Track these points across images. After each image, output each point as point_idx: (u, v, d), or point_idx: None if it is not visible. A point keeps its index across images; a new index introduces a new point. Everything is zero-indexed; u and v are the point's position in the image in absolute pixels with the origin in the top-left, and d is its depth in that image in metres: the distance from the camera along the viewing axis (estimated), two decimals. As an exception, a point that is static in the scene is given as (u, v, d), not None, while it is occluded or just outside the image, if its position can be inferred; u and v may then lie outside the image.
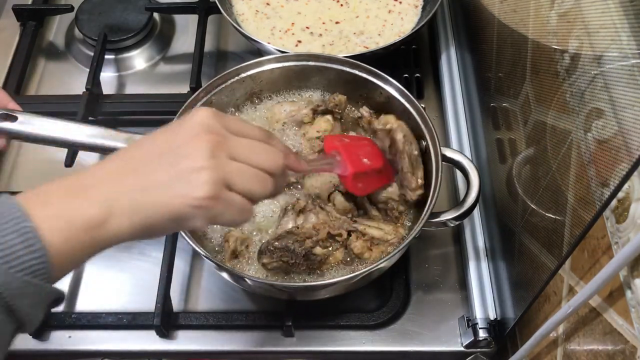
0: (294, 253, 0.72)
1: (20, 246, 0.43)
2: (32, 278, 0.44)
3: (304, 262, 0.73)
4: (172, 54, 1.12)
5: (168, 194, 0.49)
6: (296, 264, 0.73)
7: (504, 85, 0.76)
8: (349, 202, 0.78)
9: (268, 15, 1.06)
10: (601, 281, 0.47)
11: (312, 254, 0.73)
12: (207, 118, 0.52)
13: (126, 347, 0.81)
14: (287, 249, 0.72)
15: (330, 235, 0.74)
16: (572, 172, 0.54)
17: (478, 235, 0.84)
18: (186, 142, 0.51)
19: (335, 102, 0.85)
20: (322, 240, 0.73)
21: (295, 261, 0.73)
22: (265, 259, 0.73)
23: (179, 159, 0.50)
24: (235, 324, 0.81)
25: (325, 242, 0.73)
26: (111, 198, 0.48)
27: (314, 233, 0.73)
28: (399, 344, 0.80)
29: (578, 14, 0.54)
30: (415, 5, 1.08)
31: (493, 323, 0.77)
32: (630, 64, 0.45)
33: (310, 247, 0.73)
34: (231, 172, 0.51)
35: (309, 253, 0.73)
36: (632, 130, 0.44)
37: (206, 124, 0.52)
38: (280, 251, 0.72)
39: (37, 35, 1.11)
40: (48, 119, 0.75)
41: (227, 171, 0.51)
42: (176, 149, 0.51)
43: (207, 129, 0.52)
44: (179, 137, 0.52)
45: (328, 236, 0.74)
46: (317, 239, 0.73)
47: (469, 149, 0.92)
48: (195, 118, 0.53)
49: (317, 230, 0.73)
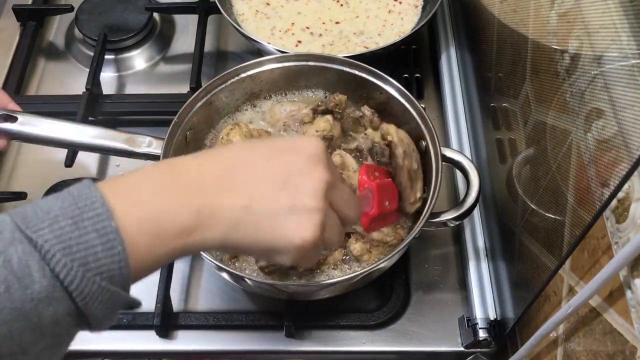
0: None
1: (100, 247, 0.40)
2: (109, 284, 0.41)
3: None
4: (172, 54, 1.12)
5: (276, 224, 0.47)
6: (293, 267, 0.73)
7: (504, 85, 0.76)
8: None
9: (268, 15, 1.06)
10: (601, 281, 0.47)
11: None
12: (323, 152, 0.51)
13: (126, 347, 0.80)
14: None
15: None
16: (572, 172, 0.54)
17: (478, 235, 0.84)
18: (304, 173, 0.49)
19: (336, 102, 0.85)
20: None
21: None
22: (262, 262, 0.73)
23: (297, 193, 0.48)
24: (235, 324, 0.81)
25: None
26: (209, 209, 0.45)
27: None
28: (399, 344, 0.80)
29: (578, 14, 0.54)
30: (415, 5, 1.08)
31: (493, 323, 0.77)
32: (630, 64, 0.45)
33: None
34: (328, 220, 0.50)
35: None
36: (632, 130, 0.44)
37: (324, 159, 0.50)
38: None
39: (37, 35, 1.11)
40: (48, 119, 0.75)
41: (327, 219, 0.50)
42: (292, 178, 0.48)
43: (325, 165, 0.50)
44: (295, 166, 0.49)
45: None
46: None
47: (469, 149, 0.92)
48: (311, 147, 0.51)
49: None
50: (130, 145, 0.76)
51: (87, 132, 0.76)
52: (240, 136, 0.80)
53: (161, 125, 0.82)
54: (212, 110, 0.85)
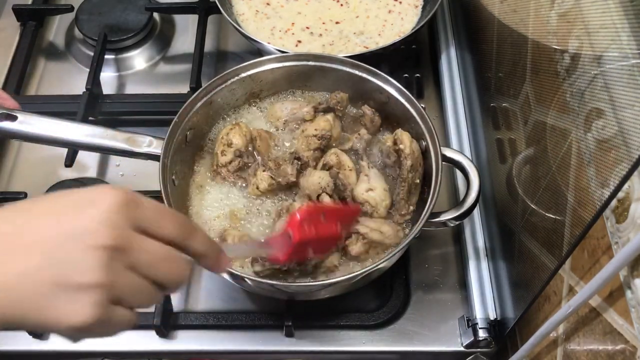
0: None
1: None
2: None
3: (297, 268, 0.73)
4: (172, 54, 1.12)
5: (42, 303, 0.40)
6: (289, 271, 0.73)
7: (504, 85, 0.76)
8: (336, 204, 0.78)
9: (268, 15, 1.06)
10: (601, 281, 0.47)
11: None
12: (112, 211, 0.42)
13: (126, 347, 0.80)
14: None
15: None
16: (572, 172, 0.54)
17: (478, 235, 0.84)
18: (81, 240, 0.41)
19: (337, 100, 0.85)
20: None
21: (288, 267, 0.72)
22: (257, 267, 0.72)
23: (66, 267, 0.40)
24: (235, 324, 0.81)
25: None
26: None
27: None
28: (399, 344, 0.80)
29: (578, 14, 0.54)
30: (415, 5, 1.08)
31: (493, 323, 0.77)
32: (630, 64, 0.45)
33: None
34: (124, 287, 0.42)
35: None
36: (632, 130, 0.44)
37: (110, 220, 0.41)
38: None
39: (37, 35, 1.11)
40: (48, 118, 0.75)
41: (121, 286, 0.42)
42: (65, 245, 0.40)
43: (110, 226, 0.41)
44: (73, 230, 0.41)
45: None
46: None
47: (469, 149, 0.92)
48: (98, 206, 0.42)
49: None
50: (131, 145, 0.76)
51: (87, 131, 0.76)
52: (240, 136, 0.80)
53: (161, 125, 0.82)
54: (212, 110, 0.85)
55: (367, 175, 0.79)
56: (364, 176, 0.79)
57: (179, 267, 0.47)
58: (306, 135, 0.83)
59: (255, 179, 0.79)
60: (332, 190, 0.78)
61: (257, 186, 0.79)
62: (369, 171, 0.79)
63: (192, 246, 0.48)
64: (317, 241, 0.68)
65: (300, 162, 0.80)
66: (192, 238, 0.48)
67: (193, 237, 0.48)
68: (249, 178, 0.81)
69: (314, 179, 0.78)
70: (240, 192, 0.81)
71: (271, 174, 0.79)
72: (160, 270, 0.45)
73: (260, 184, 0.79)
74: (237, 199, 0.81)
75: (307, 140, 0.82)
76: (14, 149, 0.98)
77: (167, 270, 0.45)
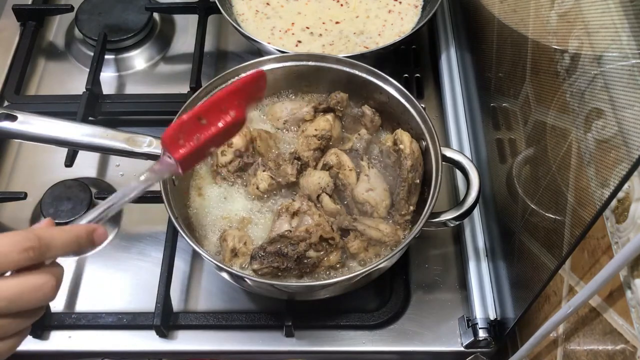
0: (286, 257, 0.72)
1: None
2: None
3: (296, 267, 0.73)
4: (172, 54, 1.12)
5: None
6: (287, 269, 0.73)
7: (504, 85, 0.76)
8: (336, 204, 0.78)
9: (268, 15, 1.06)
10: (601, 281, 0.47)
11: (305, 258, 0.73)
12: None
13: (126, 347, 0.80)
14: (280, 253, 0.72)
15: (323, 238, 0.74)
16: (572, 172, 0.54)
17: (478, 235, 0.84)
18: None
19: (337, 100, 0.85)
20: (314, 244, 0.73)
21: (287, 266, 0.72)
22: (256, 265, 0.73)
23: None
24: (235, 324, 0.81)
25: (318, 245, 0.73)
26: None
27: (307, 236, 0.73)
28: (399, 344, 0.80)
29: (578, 14, 0.54)
30: (415, 5, 1.08)
31: (493, 323, 0.77)
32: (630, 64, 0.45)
33: (304, 250, 0.72)
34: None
35: (302, 257, 0.72)
36: (632, 130, 0.44)
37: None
38: (272, 256, 0.72)
39: (37, 35, 1.11)
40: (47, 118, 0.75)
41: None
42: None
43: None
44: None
45: (321, 239, 0.73)
46: (310, 242, 0.73)
47: (469, 149, 0.92)
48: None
49: (310, 233, 0.73)
50: (131, 144, 0.76)
51: (87, 131, 0.76)
52: (240, 136, 0.80)
53: (161, 125, 0.81)
54: (212, 110, 0.85)
55: (367, 175, 0.79)
56: (364, 176, 0.79)
57: (37, 293, 0.47)
58: (306, 135, 0.83)
59: (255, 179, 0.79)
60: (332, 190, 0.78)
61: (257, 186, 0.79)
62: (369, 171, 0.80)
63: (53, 255, 0.48)
64: (213, 138, 0.60)
65: (300, 162, 0.80)
66: (48, 251, 0.47)
67: (48, 249, 0.47)
68: (249, 178, 0.81)
69: (314, 179, 0.78)
70: (240, 192, 0.81)
71: (271, 174, 0.79)
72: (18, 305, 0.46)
73: (260, 184, 0.79)
74: (237, 199, 0.81)
75: (307, 140, 0.82)
76: (14, 149, 0.98)
77: (27, 301, 0.46)
